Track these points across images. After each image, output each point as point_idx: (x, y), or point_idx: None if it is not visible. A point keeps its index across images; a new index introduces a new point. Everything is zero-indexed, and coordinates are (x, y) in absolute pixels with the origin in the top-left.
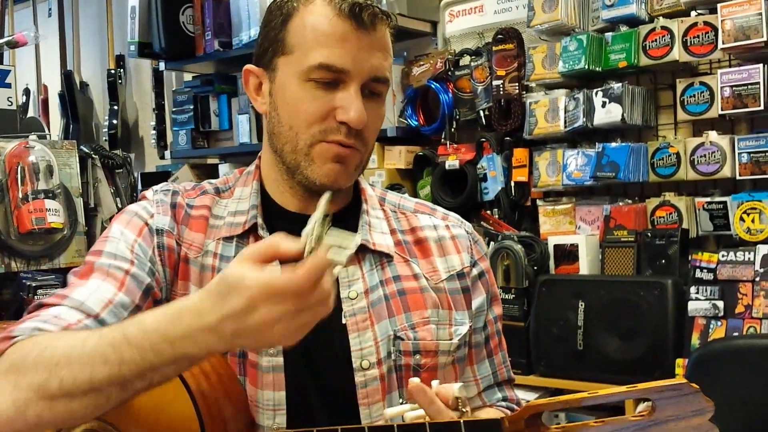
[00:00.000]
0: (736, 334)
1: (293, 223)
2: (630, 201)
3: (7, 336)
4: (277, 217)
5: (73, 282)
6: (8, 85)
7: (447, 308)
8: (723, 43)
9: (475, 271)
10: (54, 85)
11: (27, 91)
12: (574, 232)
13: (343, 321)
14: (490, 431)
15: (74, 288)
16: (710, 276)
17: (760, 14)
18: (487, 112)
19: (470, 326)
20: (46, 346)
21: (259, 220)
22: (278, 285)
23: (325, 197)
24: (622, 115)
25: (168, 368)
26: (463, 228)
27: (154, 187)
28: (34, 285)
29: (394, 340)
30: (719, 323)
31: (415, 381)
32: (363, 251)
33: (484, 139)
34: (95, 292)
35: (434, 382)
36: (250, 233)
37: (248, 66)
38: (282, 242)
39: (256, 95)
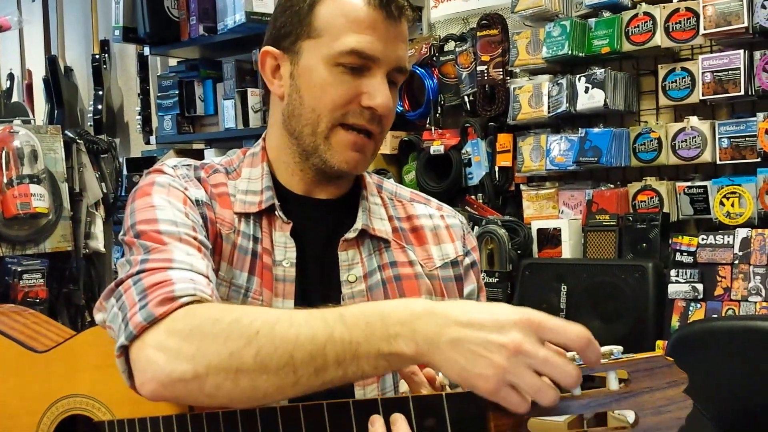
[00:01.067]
0: (715, 316)
1: (299, 206)
2: (612, 185)
3: (168, 297)
4: (284, 199)
5: (155, 247)
6: None
7: (440, 295)
8: (704, 29)
9: (467, 261)
10: (38, 70)
11: (11, 76)
12: (557, 217)
13: (342, 304)
14: (472, 405)
15: (165, 252)
16: (690, 259)
17: (741, 0)
18: (471, 98)
19: None
20: (241, 314)
21: (276, 202)
22: (557, 322)
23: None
24: (605, 100)
25: (368, 362)
26: (457, 218)
27: (169, 162)
28: (19, 270)
29: None
30: (699, 305)
31: None
32: (362, 236)
33: (468, 125)
34: (191, 256)
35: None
36: (263, 214)
37: (267, 47)
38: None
39: (273, 77)
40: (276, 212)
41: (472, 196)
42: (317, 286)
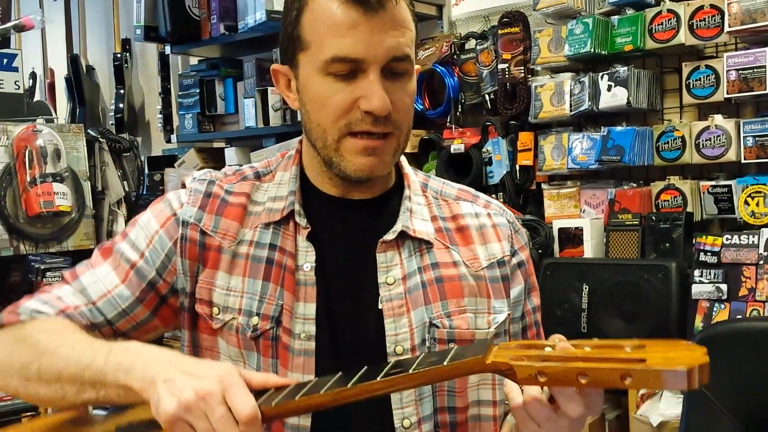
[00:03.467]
0: (739, 316)
1: (333, 208)
2: (635, 185)
3: (14, 311)
4: (317, 202)
5: (92, 261)
6: (15, 69)
7: (485, 296)
8: (729, 27)
9: (515, 260)
10: (60, 69)
11: (33, 75)
12: (579, 216)
13: (380, 306)
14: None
15: (88, 269)
16: (714, 259)
17: None
18: (492, 96)
19: (508, 314)
20: (43, 337)
21: (297, 207)
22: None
23: None
24: (628, 98)
25: (113, 390)
26: (505, 217)
27: (195, 174)
28: (42, 268)
29: (429, 328)
30: (722, 306)
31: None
32: (402, 237)
33: (489, 123)
34: (101, 280)
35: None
36: (288, 219)
37: (274, 66)
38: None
39: (288, 92)
40: (296, 218)
41: (493, 195)
42: (347, 288)
